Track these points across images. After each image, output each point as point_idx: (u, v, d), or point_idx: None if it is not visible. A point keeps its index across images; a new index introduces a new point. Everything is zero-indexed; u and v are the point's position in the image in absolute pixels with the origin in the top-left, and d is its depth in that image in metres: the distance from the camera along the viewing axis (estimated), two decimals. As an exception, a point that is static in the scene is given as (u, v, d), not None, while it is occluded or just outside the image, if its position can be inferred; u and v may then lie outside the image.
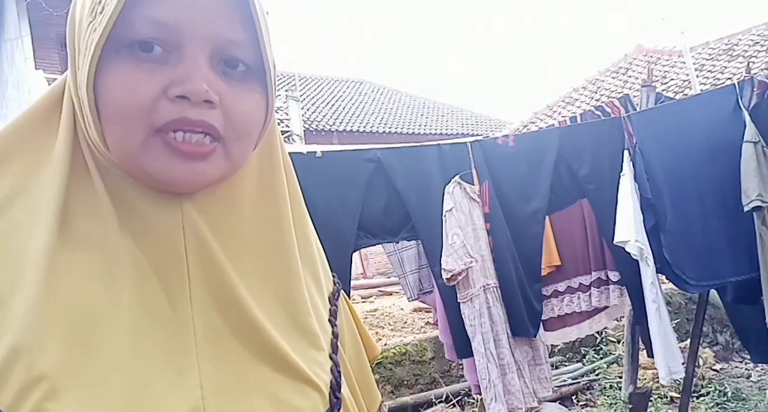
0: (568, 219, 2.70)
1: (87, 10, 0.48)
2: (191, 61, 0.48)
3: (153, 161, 0.48)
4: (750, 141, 2.16)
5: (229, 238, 0.54)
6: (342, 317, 0.67)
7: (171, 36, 0.48)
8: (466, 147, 2.44)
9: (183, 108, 0.47)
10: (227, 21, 0.50)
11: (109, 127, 0.48)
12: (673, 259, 2.35)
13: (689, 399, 3.07)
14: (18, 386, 0.41)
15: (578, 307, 2.77)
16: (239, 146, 0.52)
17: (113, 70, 0.47)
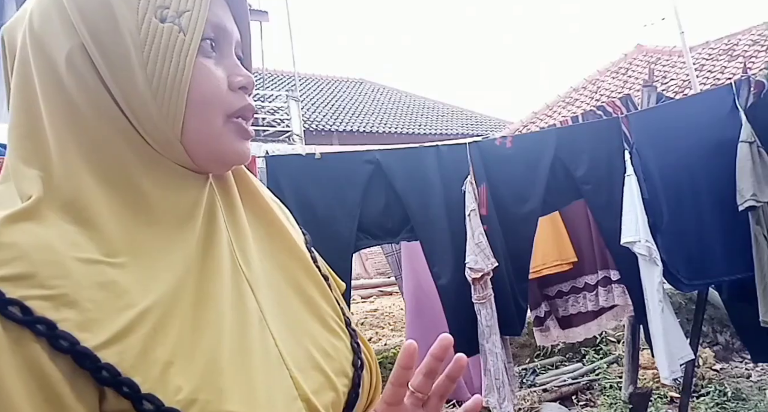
0: (576, 218, 2.71)
1: (143, 9, 0.52)
2: (231, 57, 0.58)
3: (230, 143, 0.57)
4: (745, 141, 2.17)
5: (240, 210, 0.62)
6: (321, 261, 0.73)
7: (220, 36, 0.57)
8: (465, 148, 2.45)
9: (244, 97, 0.58)
10: (233, 22, 0.59)
11: (194, 119, 0.54)
12: (669, 258, 2.35)
13: (689, 399, 3.07)
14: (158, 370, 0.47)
15: (584, 307, 2.78)
16: None
17: (197, 70, 0.54)
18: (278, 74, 14.05)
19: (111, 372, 0.44)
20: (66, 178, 0.50)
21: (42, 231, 0.47)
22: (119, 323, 0.46)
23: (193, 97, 0.54)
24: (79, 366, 0.44)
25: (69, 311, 0.45)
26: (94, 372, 0.44)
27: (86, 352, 0.44)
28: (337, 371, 0.61)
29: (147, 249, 0.51)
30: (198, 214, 0.56)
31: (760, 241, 2.18)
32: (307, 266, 0.67)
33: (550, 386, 4.26)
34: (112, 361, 0.45)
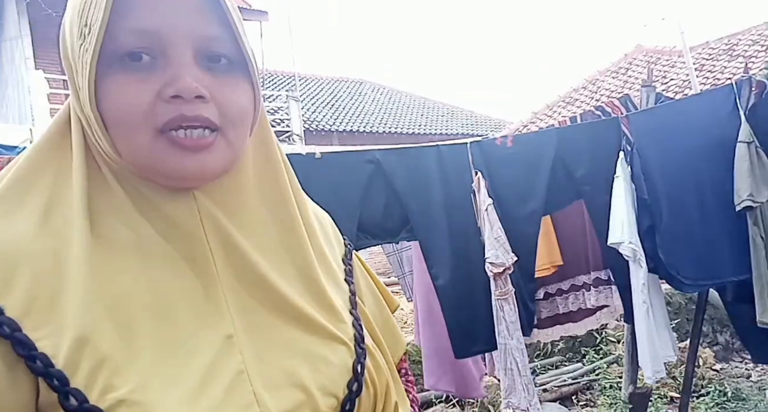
0: (571, 218, 2.71)
1: (76, 33, 0.53)
2: (178, 63, 0.53)
3: (162, 160, 0.53)
4: (744, 141, 2.17)
5: (241, 220, 0.60)
6: (358, 275, 0.73)
7: (155, 43, 0.52)
8: (465, 148, 2.44)
9: (178, 106, 0.52)
10: (203, 20, 0.54)
11: (117, 135, 0.53)
12: (667, 259, 2.35)
13: (689, 399, 3.07)
14: (88, 368, 0.47)
15: (583, 304, 2.79)
16: (236, 134, 0.57)
17: (110, 85, 0.52)
18: (278, 74, 14.05)
19: (44, 362, 0.46)
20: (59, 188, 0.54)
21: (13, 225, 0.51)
22: (62, 315, 0.48)
23: (108, 115, 0.52)
24: (16, 353, 0.46)
25: (14, 297, 0.48)
26: (27, 359, 0.46)
27: (24, 339, 0.46)
28: (324, 389, 0.58)
29: (109, 250, 0.52)
30: (169, 226, 0.55)
31: (758, 242, 2.18)
32: (315, 280, 0.63)
33: (550, 386, 4.26)
34: (48, 352, 0.46)
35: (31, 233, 0.51)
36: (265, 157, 0.64)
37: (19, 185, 0.54)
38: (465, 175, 2.42)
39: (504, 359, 2.35)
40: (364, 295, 0.74)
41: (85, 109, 0.53)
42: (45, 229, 0.52)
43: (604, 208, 2.41)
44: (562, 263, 2.71)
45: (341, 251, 0.73)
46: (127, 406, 0.47)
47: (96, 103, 0.52)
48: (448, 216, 2.38)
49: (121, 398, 0.47)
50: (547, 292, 2.75)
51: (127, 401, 0.47)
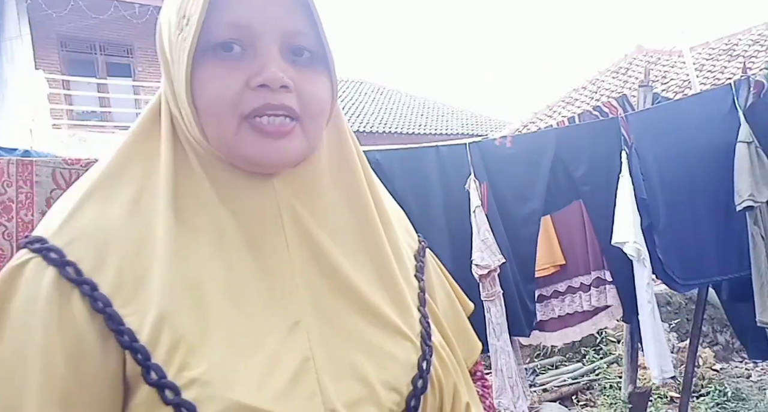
0: (569, 219, 2.71)
1: (174, 25, 0.57)
2: (265, 54, 0.56)
3: (246, 145, 0.56)
4: (743, 141, 2.17)
5: (317, 207, 0.62)
6: (430, 272, 0.74)
7: (246, 35, 0.56)
8: (464, 148, 2.45)
9: (265, 95, 0.55)
10: (290, 15, 0.57)
11: (207, 121, 0.56)
12: (666, 258, 2.36)
13: (689, 399, 3.07)
14: (167, 346, 0.50)
15: (579, 306, 2.78)
16: (314, 124, 0.59)
17: (203, 73, 0.55)
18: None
19: (129, 337, 0.50)
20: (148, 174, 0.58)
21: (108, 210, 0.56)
22: (147, 294, 0.52)
23: (200, 101, 0.56)
24: (107, 327, 0.51)
25: (107, 276, 0.52)
26: (116, 333, 0.51)
27: (114, 315, 0.51)
28: (387, 385, 0.57)
29: (191, 235, 0.56)
30: (249, 210, 0.58)
31: (757, 241, 2.19)
32: (388, 272, 0.63)
33: (550, 386, 4.26)
34: (133, 328, 0.51)
35: (123, 217, 0.55)
36: (340, 148, 0.66)
37: (114, 173, 0.58)
38: (464, 176, 2.42)
39: (495, 361, 2.36)
40: (437, 294, 0.73)
41: (179, 97, 0.57)
42: (134, 213, 0.56)
43: (603, 208, 2.41)
44: (564, 263, 2.71)
45: (414, 246, 0.74)
46: (199, 385, 0.49)
47: (190, 90, 0.55)
48: (447, 216, 2.39)
49: (194, 377, 0.50)
50: (542, 294, 2.75)
51: (199, 381, 0.50)
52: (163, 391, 0.49)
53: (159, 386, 0.49)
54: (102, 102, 10.68)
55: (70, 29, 10.37)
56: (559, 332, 2.82)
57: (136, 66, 11.41)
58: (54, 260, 0.52)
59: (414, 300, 0.66)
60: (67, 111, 10.26)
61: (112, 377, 0.51)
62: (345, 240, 0.62)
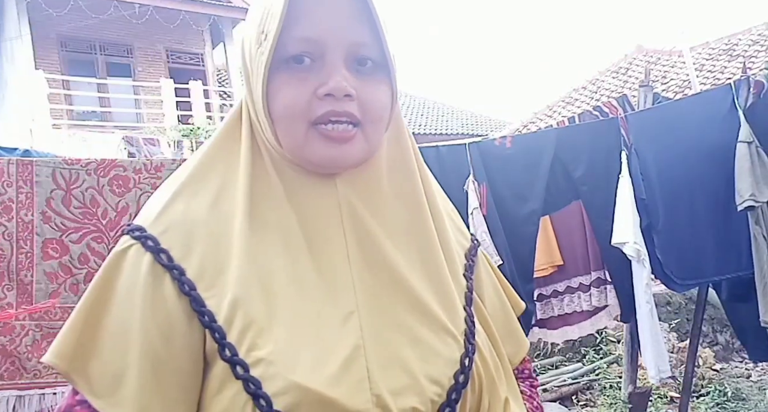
0: (569, 219, 2.71)
1: (254, 40, 0.64)
2: (331, 66, 0.61)
3: (313, 149, 0.62)
4: (744, 141, 2.17)
5: (374, 207, 0.67)
6: (481, 271, 0.77)
7: (315, 48, 0.62)
8: (464, 148, 2.45)
9: (330, 103, 0.61)
10: (356, 28, 0.63)
11: (280, 127, 0.63)
12: (664, 258, 2.36)
13: (689, 399, 3.07)
14: (239, 327, 0.57)
15: (579, 306, 2.78)
16: (374, 129, 0.65)
17: (278, 83, 0.62)
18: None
19: (209, 318, 0.58)
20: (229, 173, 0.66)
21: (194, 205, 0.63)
22: (224, 281, 0.59)
23: (274, 109, 0.63)
24: (192, 308, 0.58)
25: (192, 262, 0.60)
26: (199, 314, 0.58)
27: (198, 297, 0.58)
28: (430, 378, 0.61)
29: (262, 230, 0.63)
30: (313, 209, 0.65)
31: (760, 241, 2.18)
32: (437, 269, 0.68)
33: (550, 386, 4.26)
34: (213, 310, 0.58)
35: (206, 211, 0.63)
36: (399, 151, 0.71)
37: (200, 171, 0.66)
38: (464, 176, 2.42)
39: None
40: (485, 293, 0.77)
41: (257, 105, 0.64)
42: (215, 208, 0.63)
43: (602, 208, 2.41)
44: (562, 263, 2.72)
45: (466, 245, 0.77)
46: (265, 365, 0.56)
47: (266, 99, 0.63)
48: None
49: (261, 357, 0.56)
50: (542, 294, 2.75)
51: (265, 360, 0.56)
52: (234, 367, 0.56)
53: (231, 362, 0.56)
54: (102, 102, 10.68)
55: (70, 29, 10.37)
56: (560, 330, 2.82)
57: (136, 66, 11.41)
58: (150, 247, 0.60)
59: (461, 299, 0.69)
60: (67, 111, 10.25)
61: (195, 351, 0.58)
62: (399, 238, 0.67)
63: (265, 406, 0.55)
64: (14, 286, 2.14)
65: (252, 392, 0.55)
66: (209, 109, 11.03)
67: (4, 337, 2.11)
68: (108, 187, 2.23)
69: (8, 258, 2.14)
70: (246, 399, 0.55)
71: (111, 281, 0.60)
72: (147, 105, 10.90)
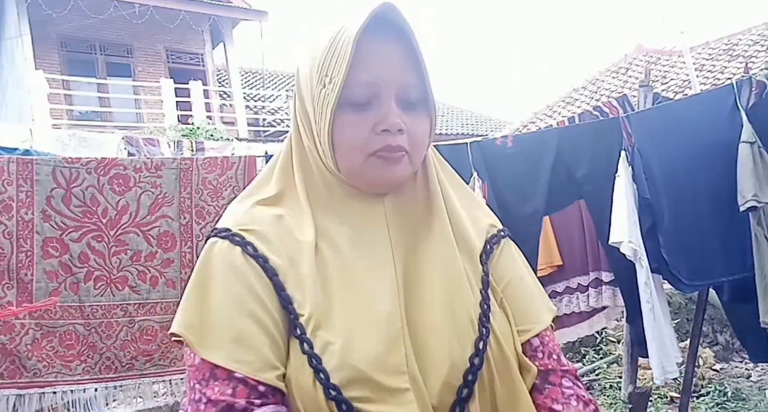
0: (567, 219, 2.71)
1: (315, 79, 0.75)
2: (387, 105, 0.73)
3: (370, 172, 0.75)
4: (747, 141, 2.16)
5: (411, 218, 0.80)
6: (499, 257, 0.86)
7: (374, 90, 0.73)
8: (465, 148, 2.44)
9: (386, 137, 0.73)
10: (406, 71, 0.74)
11: (342, 157, 0.75)
12: (670, 259, 2.35)
13: (689, 399, 3.07)
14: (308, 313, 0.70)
15: (577, 307, 2.78)
16: (417, 155, 0.78)
17: (341, 121, 0.73)
18: (278, 74, 14.04)
19: (286, 300, 0.71)
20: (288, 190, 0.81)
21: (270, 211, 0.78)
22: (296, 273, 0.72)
23: (338, 141, 0.74)
24: (274, 291, 0.71)
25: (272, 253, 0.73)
26: (279, 297, 0.71)
27: (279, 282, 0.72)
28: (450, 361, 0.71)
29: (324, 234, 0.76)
30: (364, 220, 0.78)
31: (761, 241, 2.18)
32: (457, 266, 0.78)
33: (550, 386, 4.25)
34: (289, 293, 0.71)
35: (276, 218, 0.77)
36: (425, 167, 0.83)
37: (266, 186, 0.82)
38: (465, 176, 2.42)
39: None
40: (505, 276, 0.84)
41: (321, 138, 0.76)
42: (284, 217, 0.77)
43: (605, 208, 2.40)
44: (561, 263, 2.71)
45: (491, 232, 0.87)
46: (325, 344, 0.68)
47: (331, 134, 0.74)
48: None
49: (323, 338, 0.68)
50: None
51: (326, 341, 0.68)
52: (302, 343, 0.68)
53: (300, 339, 0.69)
54: (102, 102, 10.67)
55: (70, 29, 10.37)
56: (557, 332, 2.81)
57: (136, 66, 11.41)
58: (238, 242, 0.73)
59: (477, 283, 0.79)
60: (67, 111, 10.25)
61: (279, 322, 0.70)
62: (429, 240, 0.78)
63: (323, 378, 0.66)
64: (14, 284, 2.14)
65: (314, 366, 0.67)
66: (209, 109, 11.03)
67: (4, 336, 2.11)
68: (108, 186, 2.23)
69: (8, 257, 2.14)
70: (310, 371, 0.67)
71: (208, 268, 0.73)
72: (147, 105, 10.90)
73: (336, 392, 0.65)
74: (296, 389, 0.67)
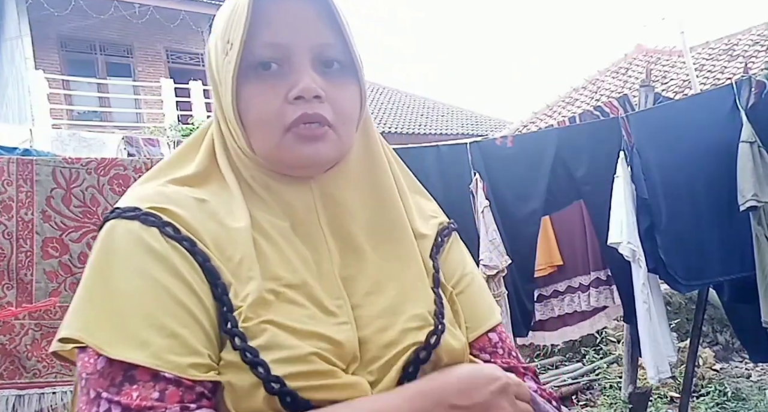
0: (568, 219, 2.71)
1: (220, 50, 0.66)
2: (299, 69, 0.64)
3: (287, 151, 0.64)
4: (746, 141, 2.16)
5: (346, 204, 0.70)
6: (449, 252, 0.79)
7: (282, 53, 0.63)
8: (465, 148, 2.45)
9: (302, 106, 0.63)
10: (320, 30, 0.64)
11: (253, 134, 0.65)
12: (668, 259, 2.35)
13: (689, 399, 3.07)
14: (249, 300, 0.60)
15: (578, 306, 2.78)
16: (345, 130, 0.67)
17: (247, 91, 0.64)
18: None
19: (222, 290, 0.60)
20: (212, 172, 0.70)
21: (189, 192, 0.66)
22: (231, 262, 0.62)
23: (246, 117, 0.65)
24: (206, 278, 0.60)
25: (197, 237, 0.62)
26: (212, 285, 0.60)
27: (211, 268, 0.61)
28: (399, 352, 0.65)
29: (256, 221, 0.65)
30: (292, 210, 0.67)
31: (762, 241, 2.18)
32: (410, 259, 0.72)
33: (550, 386, 4.25)
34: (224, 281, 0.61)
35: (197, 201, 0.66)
36: (369, 149, 0.73)
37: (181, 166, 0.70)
38: (465, 176, 2.42)
39: None
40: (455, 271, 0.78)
41: (227, 113, 0.66)
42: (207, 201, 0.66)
43: (604, 208, 2.41)
44: (561, 263, 2.72)
45: (438, 228, 0.79)
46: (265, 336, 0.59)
47: (236, 107, 0.64)
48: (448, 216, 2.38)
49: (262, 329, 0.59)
50: (542, 294, 2.75)
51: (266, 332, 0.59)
52: (234, 338, 0.58)
53: (231, 334, 0.59)
54: (102, 102, 10.67)
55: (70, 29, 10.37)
56: (559, 331, 2.82)
57: (136, 66, 11.41)
58: (153, 222, 0.61)
59: (429, 280, 0.72)
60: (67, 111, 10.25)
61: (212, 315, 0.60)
62: (374, 232, 0.70)
63: (263, 372, 0.57)
64: (14, 285, 2.14)
65: (250, 361, 0.57)
66: (209, 109, 11.03)
67: (3, 336, 2.11)
68: (108, 186, 2.23)
69: (8, 257, 2.14)
70: (246, 368, 0.57)
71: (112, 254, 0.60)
72: (147, 105, 10.90)
73: (279, 384, 0.57)
74: (228, 392, 0.58)
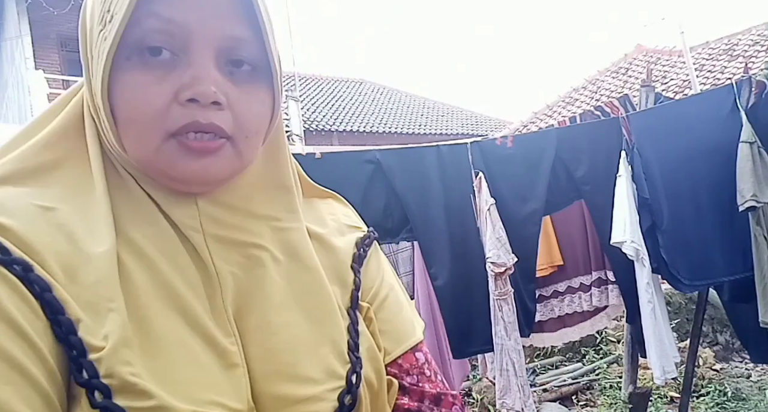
0: (569, 219, 2.71)
1: (97, 18, 0.50)
2: (199, 64, 0.50)
3: (169, 162, 0.51)
4: (746, 141, 2.16)
5: (242, 223, 0.57)
6: (368, 263, 0.68)
7: (179, 36, 0.49)
8: (465, 148, 2.44)
9: (194, 111, 0.49)
10: (231, 19, 0.51)
11: (126, 132, 0.51)
12: (670, 258, 2.36)
13: (689, 399, 3.07)
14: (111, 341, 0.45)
15: (579, 307, 2.78)
16: (248, 144, 0.54)
17: (126, 78, 0.49)
18: (278, 74, 14.01)
19: (67, 328, 0.45)
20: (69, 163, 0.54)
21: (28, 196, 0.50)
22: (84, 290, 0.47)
23: (119, 111, 0.50)
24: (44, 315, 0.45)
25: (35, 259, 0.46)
26: (53, 323, 0.45)
27: (52, 301, 0.45)
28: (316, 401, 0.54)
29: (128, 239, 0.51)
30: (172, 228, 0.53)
31: (760, 241, 2.18)
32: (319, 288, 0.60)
33: (550, 386, 4.26)
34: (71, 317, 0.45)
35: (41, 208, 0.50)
36: (275, 166, 0.62)
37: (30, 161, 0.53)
38: (465, 176, 2.42)
39: (500, 360, 2.35)
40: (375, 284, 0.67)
41: (96, 100, 0.52)
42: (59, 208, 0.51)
43: (604, 208, 2.41)
44: (562, 263, 2.72)
45: (361, 233, 0.69)
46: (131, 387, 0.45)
47: (108, 94, 0.50)
48: (448, 216, 2.38)
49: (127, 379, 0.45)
50: (542, 295, 2.75)
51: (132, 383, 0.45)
52: (93, 392, 0.44)
53: (89, 386, 0.44)
54: (102, 102, 10.67)
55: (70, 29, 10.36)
56: (558, 332, 2.82)
57: (136, 66, 11.41)
58: None
59: (345, 301, 0.62)
60: (67, 111, 10.25)
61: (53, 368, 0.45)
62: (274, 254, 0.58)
63: None
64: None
65: None
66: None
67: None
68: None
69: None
70: None
71: None
72: (147, 105, 10.90)
73: None
74: None
